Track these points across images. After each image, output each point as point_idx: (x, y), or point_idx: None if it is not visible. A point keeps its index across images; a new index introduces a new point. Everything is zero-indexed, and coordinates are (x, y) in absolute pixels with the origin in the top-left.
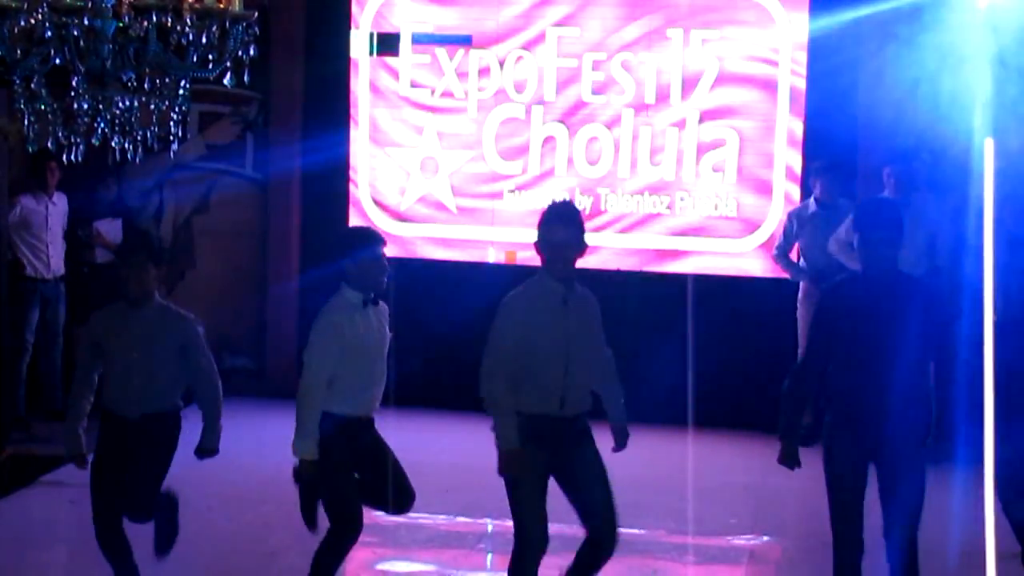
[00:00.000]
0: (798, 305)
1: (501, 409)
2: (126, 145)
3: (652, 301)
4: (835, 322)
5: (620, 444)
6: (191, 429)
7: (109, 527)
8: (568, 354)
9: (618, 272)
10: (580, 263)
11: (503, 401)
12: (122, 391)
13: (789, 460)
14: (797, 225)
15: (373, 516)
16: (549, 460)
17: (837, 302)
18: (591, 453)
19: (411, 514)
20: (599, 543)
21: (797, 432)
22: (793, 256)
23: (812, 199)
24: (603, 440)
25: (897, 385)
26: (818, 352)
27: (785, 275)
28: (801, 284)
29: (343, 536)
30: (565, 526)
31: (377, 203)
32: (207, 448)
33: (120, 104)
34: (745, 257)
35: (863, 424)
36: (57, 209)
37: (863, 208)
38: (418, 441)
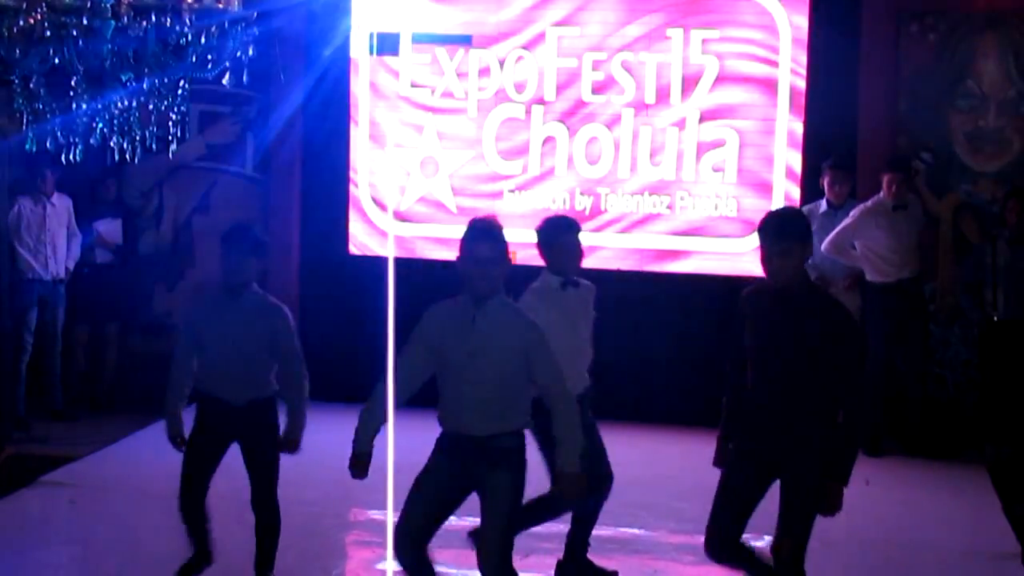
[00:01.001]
0: None
1: (366, 408)
2: (125, 145)
3: (652, 301)
4: (744, 330)
5: (557, 488)
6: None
7: (194, 501)
8: (466, 374)
9: (619, 272)
10: (582, 264)
11: (370, 402)
12: (223, 378)
13: (720, 463)
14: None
15: (372, 515)
16: (459, 474)
17: (743, 310)
18: (498, 483)
19: None
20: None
21: (728, 436)
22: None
23: (824, 199)
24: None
25: (794, 401)
26: (732, 354)
27: None
28: None
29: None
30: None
31: (377, 203)
32: (291, 439)
33: (119, 104)
34: (745, 257)
35: (761, 437)
36: (56, 211)
37: (764, 220)
38: (418, 441)
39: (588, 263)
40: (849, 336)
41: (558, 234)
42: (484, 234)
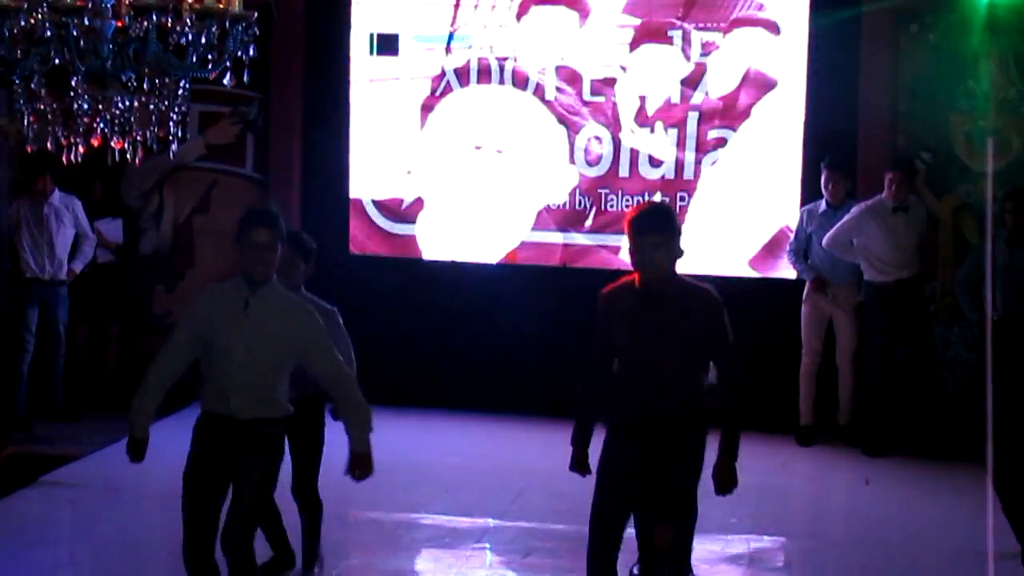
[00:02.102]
0: (802, 303)
1: (139, 393)
2: (126, 145)
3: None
4: (609, 325)
5: (351, 471)
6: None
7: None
8: (237, 357)
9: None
10: (582, 263)
11: (144, 387)
12: None
13: (579, 467)
14: (807, 222)
15: (372, 515)
16: (223, 461)
17: (612, 304)
18: (255, 465)
19: (411, 514)
20: (225, 558)
21: (587, 438)
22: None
23: (824, 199)
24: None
25: (668, 398)
26: (596, 351)
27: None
28: (806, 282)
29: None
30: (574, 527)
31: (377, 203)
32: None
33: (120, 104)
34: (745, 257)
35: (634, 433)
36: (55, 211)
37: (634, 213)
38: (418, 441)
39: (586, 263)
40: (723, 320)
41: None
42: (262, 219)
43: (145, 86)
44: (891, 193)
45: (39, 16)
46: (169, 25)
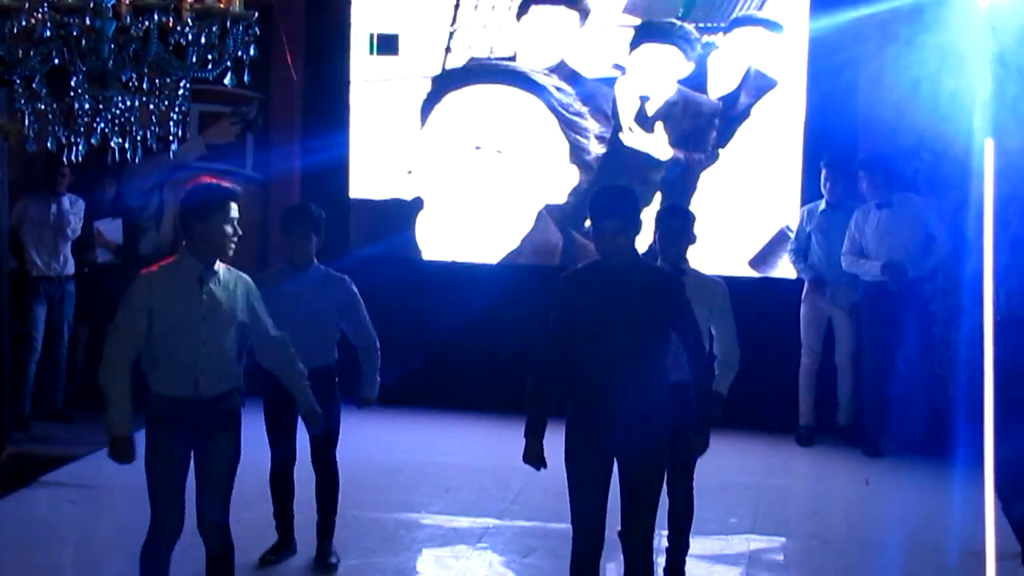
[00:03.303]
0: (801, 303)
1: (114, 392)
2: (126, 145)
3: None
4: (571, 312)
5: (310, 428)
6: None
7: (286, 472)
8: (200, 336)
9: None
10: (582, 263)
11: (117, 385)
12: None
13: (534, 459)
14: (807, 222)
15: (372, 515)
16: (188, 444)
17: (573, 290)
18: (224, 444)
19: (411, 514)
20: (205, 543)
21: (542, 429)
22: None
23: (824, 199)
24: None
25: (634, 380)
26: (557, 342)
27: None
28: (805, 282)
29: None
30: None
31: (376, 203)
32: (366, 396)
33: (120, 104)
34: (745, 257)
35: (600, 420)
36: (63, 210)
37: (595, 196)
38: (418, 441)
39: (586, 263)
40: (686, 305)
41: (659, 219)
42: (229, 205)
43: (145, 86)
44: (868, 192)
45: (40, 16)
46: (170, 25)
